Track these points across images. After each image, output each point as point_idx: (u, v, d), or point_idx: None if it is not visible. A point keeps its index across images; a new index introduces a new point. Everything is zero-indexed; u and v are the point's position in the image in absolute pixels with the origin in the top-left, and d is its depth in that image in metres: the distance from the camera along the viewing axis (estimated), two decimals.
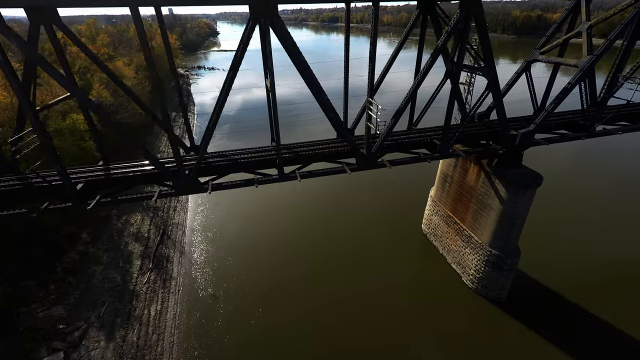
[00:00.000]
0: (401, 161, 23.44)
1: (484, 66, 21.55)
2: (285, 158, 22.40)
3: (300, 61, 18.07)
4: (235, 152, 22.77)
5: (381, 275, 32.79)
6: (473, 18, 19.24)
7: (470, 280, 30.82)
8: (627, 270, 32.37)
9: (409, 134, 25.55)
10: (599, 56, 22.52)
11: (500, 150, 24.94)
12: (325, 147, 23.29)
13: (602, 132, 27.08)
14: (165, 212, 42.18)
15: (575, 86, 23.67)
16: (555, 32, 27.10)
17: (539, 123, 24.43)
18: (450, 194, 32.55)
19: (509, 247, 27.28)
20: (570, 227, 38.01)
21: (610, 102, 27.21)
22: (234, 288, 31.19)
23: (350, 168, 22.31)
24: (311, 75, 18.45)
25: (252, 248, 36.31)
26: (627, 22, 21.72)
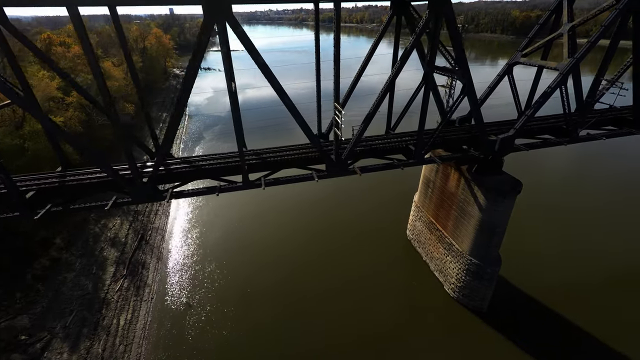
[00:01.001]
0: (374, 168, 22.54)
1: (458, 69, 20.64)
2: (252, 164, 21.60)
3: (260, 63, 17.25)
4: (200, 158, 21.92)
5: (362, 282, 31.88)
6: (443, 19, 18.35)
7: (451, 289, 29.92)
8: (612, 277, 31.43)
9: (385, 139, 24.67)
10: (579, 59, 21.60)
11: (478, 156, 24.01)
12: (295, 152, 22.43)
13: (585, 138, 26.14)
14: (145, 216, 41.36)
15: (555, 90, 22.74)
16: (537, 34, 26.22)
17: (519, 128, 23.50)
18: (433, 200, 31.66)
19: (489, 256, 26.37)
20: (555, 234, 37.05)
21: (603, 106, 26.36)
22: (209, 296, 30.34)
23: (319, 175, 21.41)
24: (272, 77, 17.61)
25: (232, 254, 35.46)
26: (607, 24, 20.78)
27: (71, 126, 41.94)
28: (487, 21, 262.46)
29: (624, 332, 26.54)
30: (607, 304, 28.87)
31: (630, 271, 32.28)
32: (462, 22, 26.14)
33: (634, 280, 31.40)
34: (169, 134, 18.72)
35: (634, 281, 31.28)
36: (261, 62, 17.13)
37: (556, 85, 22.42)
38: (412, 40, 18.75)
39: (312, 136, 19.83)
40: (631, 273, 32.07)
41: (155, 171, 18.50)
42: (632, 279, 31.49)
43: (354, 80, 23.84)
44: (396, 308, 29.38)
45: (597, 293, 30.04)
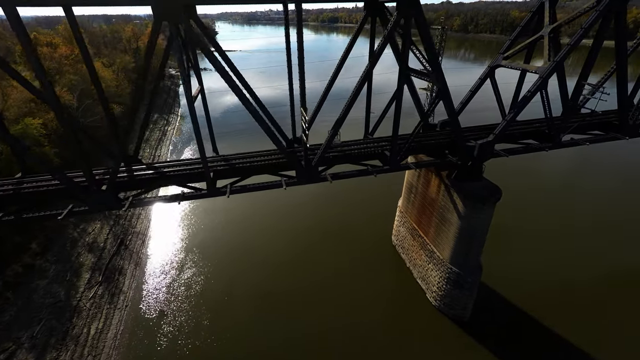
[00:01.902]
0: (346, 174, 21.78)
1: (432, 72, 19.87)
2: (219, 171, 20.87)
3: (218, 67, 16.51)
4: (165, 164, 21.17)
5: (344, 289, 31.11)
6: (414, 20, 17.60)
7: (433, 298, 29.14)
8: (595, 283, 30.62)
9: (361, 144, 23.89)
10: (558, 63, 20.83)
11: (456, 162, 23.22)
12: (265, 158, 21.67)
13: (569, 143, 25.34)
14: (127, 220, 40.64)
15: (535, 94, 21.96)
16: (519, 36, 25.45)
17: (499, 134, 22.71)
18: (415, 206, 30.88)
19: (469, 265, 25.60)
20: (540, 241, 36.24)
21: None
22: (185, 304, 29.58)
23: (289, 182, 20.67)
24: (232, 81, 16.86)
25: (212, 260, 34.70)
26: (587, 26, 19.98)
27: (53, 127, 41.25)
28: (486, 21, 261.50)
29: (605, 339, 25.86)
30: (590, 311, 28.13)
31: (614, 276, 31.50)
32: (442, 24, 25.36)
33: (618, 285, 30.61)
34: (125, 139, 18.05)
35: (618, 286, 30.50)
36: (220, 67, 16.37)
37: (536, 89, 21.64)
38: (380, 43, 18.00)
39: (278, 142, 19.09)
40: (615, 277, 31.29)
41: (113, 178, 17.73)
42: (617, 284, 30.70)
43: (328, 84, 23.10)
44: (378, 316, 28.58)
45: (581, 300, 29.28)
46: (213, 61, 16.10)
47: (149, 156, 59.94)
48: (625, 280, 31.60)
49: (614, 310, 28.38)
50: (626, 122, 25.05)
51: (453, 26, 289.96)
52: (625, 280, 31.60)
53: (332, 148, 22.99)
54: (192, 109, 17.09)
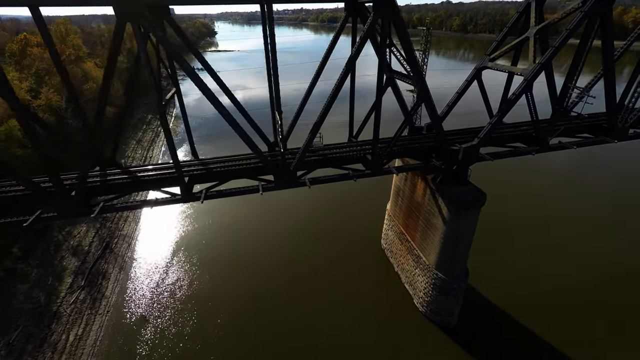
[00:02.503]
0: (326, 179, 21.30)
1: (413, 75, 19.36)
2: (196, 175, 20.40)
3: (188, 70, 16.06)
4: (141, 168, 20.69)
5: (331, 293, 30.64)
6: None
7: (420, 303, 28.64)
8: (586, 294, 30.04)
9: (344, 148, 23.38)
10: (543, 65, 20.30)
11: (439, 166, 22.71)
12: (244, 162, 21.16)
13: (557, 146, 24.82)
14: (114, 222, 40.17)
15: (520, 97, 21.44)
16: (506, 37, 24.94)
17: (483, 137, 22.18)
18: (403, 209, 30.37)
19: (454, 270, 25.09)
20: (531, 244, 35.72)
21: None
22: (167, 310, 29.08)
23: (265, 187, 20.17)
24: (202, 84, 16.40)
25: (197, 265, 34.21)
26: (572, 28, 19.46)
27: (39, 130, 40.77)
28: (485, 21, 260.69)
29: (600, 343, 25.50)
30: (584, 313, 27.67)
31: (602, 282, 30.93)
32: (428, 24, 24.82)
33: (613, 286, 30.04)
34: (95, 141, 17.56)
35: (613, 287, 29.95)
36: (190, 71, 15.91)
37: (521, 91, 21.12)
38: (357, 44, 17.50)
39: (254, 146, 18.57)
40: (603, 284, 30.72)
41: (82, 184, 17.25)
42: (611, 285, 30.14)
43: (310, 86, 22.63)
44: (364, 322, 28.07)
45: (575, 302, 28.78)
46: (181, 63, 15.56)
47: (140, 157, 59.49)
48: (620, 280, 31.09)
49: (608, 312, 27.98)
50: (615, 125, 24.51)
51: (452, 26, 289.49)
52: (620, 280, 31.09)
53: (314, 152, 22.55)
54: (162, 113, 16.57)
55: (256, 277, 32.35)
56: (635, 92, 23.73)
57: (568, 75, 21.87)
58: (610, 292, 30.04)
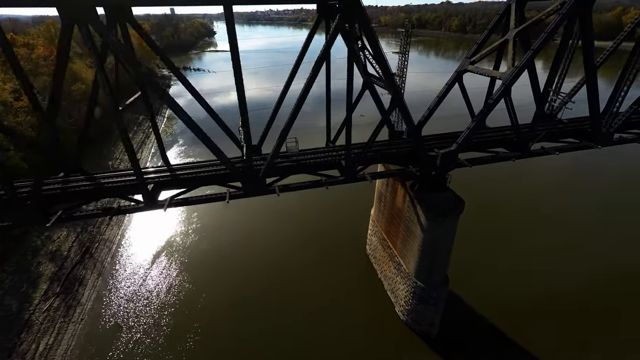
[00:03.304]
0: (297, 186, 20.67)
1: (385, 79, 18.69)
2: (163, 182, 19.73)
3: (138, 73, 15.40)
4: (106, 174, 20.01)
5: (314, 299, 30.08)
6: None
7: (401, 312, 27.97)
8: (571, 301, 29.33)
9: (319, 153, 22.70)
10: (521, 69, 19.61)
11: (415, 172, 22.03)
12: (213, 169, 20.49)
13: (539, 152, 24.12)
14: (96, 226, 39.51)
15: (498, 101, 20.75)
16: (487, 39, 24.27)
17: (461, 142, 21.49)
18: (385, 215, 29.70)
19: (433, 279, 24.42)
20: (513, 255, 34.90)
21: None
22: (143, 318, 28.42)
23: (233, 195, 19.52)
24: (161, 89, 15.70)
25: (179, 269, 33.58)
26: (550, 31, 18.76)
27: (22, 131, 40.25)
28: (484, 22, 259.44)
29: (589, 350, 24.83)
30: (567, 326, 26.97)
31: (591, 286, 30.23)
32: (407, 27, 24.14)
33: (590, 300, 29.34)
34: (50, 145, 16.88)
35: (595, 297, 29.26)
36: (142, 74, 15.23)
37: (499, 96, 20.42)
38: (323, 48, 16.84)
39: (218, 152, 17.86)
40: (592, 288, 30.02)
41: (37, 192, 16.57)
42: (593, 295, 29.44)
43: (282, 91, 22.03)
44: (344, 329, 27.40)
45: (562, 309, 28.11)
46: (132, 66, 14.89)
47: (129, 160, 58.76)
48: (611, 286, 30.45)
49: (598, 316, 27.48)
50: (599, 130, 23.81)
51: (451, 27, 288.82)
52: (611, 286, 30.45)
53: (287, 157, 21.91)
54: (118, 118, 15.88)
55: (240, 283, 31.71)
56: (619, 96, 23.04)
57: (548, 79, 21.17)
58: (601, 296, 29.46)
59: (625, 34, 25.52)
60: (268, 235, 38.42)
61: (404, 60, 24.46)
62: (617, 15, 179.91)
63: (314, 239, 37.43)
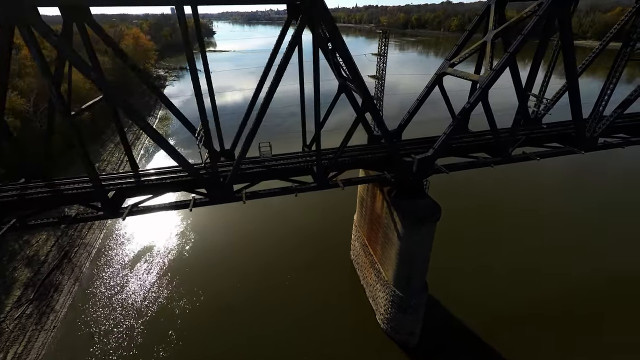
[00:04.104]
0: (265, 193, 19.96)
1: (354, 82, 17.99)
2: (125, 189, 19.04)
3: (97, 78, 14.73)
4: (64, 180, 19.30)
5: (295, 305, 29.44)
6: None
7: (381, 320, 27.28)
8: (554, 307, 28.60)
9: (293, 158, 21.98)
10: (498, 72, 18.89)
11: (390, 179, 21.33)
12: (178, 175, 19.79)
13: (520, 157, 23.38)
14: (77, 230, 38.83)
15: (475, 105, 20.06)
16: (467, 41, 23.61)
17: (438, 148, 20.77)
18: (366, 221, 29.00)
19: (411, 288, 23.70)
20: (496, 262, 34.14)
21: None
22: (118, 327, 27.76)
23: (197, 202, 18.84)
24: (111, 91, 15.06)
25: (158, 275, 32.89)
26: (527, 33, 18.04)
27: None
28: None
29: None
30: (554, 334, 26.27)
31: (571, 294, 29.50)
32: (385, 29, 23.45)
33: (574, 304, 28.61)
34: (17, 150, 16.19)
35: (574, 305, 28.52)
36: (95, 78, 14.54)
37: (475, 100, 19.73)
38: (286, 50, 16.15)
39: (179, 157, 17.16)
40: (571, 296, 29.28)
41: None
42: (573, 304, 28.71)
43: (254, 95, 21.33)
44: (325, 338, 26.72)
45: (544, 323, 27.35)
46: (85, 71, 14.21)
47: (117, 161, 58.25)
48: (595, 290, 29.75)
49: (583, 321, 26.79)
50: (583, 135, 23.07)
51: (450, 27, 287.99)
52: (595, 290, 29.75)
53: (258, 163, 21.24)
54: (71, 123, 15.19)
55: (223, 290, 31.00)
56: (602, 100, 22.31)
57: (527, 83, 20.44)
58: (585, 300, 28.84)
59: (611, 35, 24.84)
60: (257, 239, 37.67)
61: (381, 62, 23.76)
62: (616, 15, 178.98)
63: (302, 243, 36.72)
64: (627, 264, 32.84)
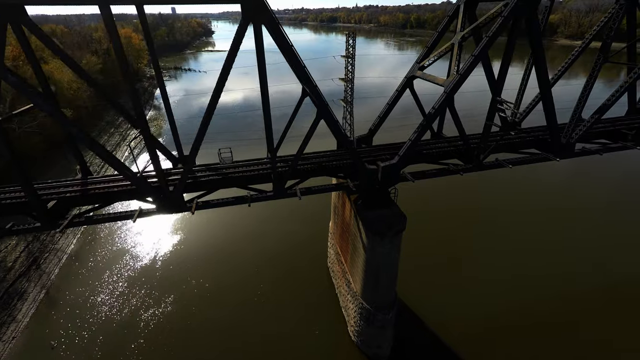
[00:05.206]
0: (218, 203, 18.99)
1: (304, 85, 16.97)
2: (66, 198, 18.05)
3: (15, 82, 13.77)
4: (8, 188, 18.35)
5: (268, 315, 28.45)
6: None
7: (352, 332, 26.26)
8: (528, 317, 27.53)
9: (253, 165, 20.96)
10: (462, 76, 17.89)
11: (352, 187, 20.31)
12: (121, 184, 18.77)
13: (492, 165, 22.35)
14: (50, 235, 37.89)
15: (441, 111, 19.05)
16: (437, 43, 22.59)
17: (403, 155, 19.75)
18: (338, 228, 28.02)
19: (378, 300, 22.69)
20: (476, 268, 33.14)
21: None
22: (79, 337, 26.78)
23: (143, 213, 17.86)
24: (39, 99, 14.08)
25: (127, 284, 31.88)
26: (491, 35, 17.01)
27: None
28: (483, 21, 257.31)
29: None
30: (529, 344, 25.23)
31: (565, 299, 28.45)
32: (351, 31, 22.41)
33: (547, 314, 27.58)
34: None
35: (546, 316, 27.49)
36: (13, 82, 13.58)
37: (440, 105, 18.72)
38: (230, 52, 15.14)
39: (121, 166, 16.16)
40: (566, 301, 28.24)
41: None
42: (545, 314, 27.68)
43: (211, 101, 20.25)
44: (295, 348, 25.75)
45: (518, 331, 26.31)
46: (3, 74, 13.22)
47: (99, 163, 57.23)
48: (571, 299, 28.69)
49: (557, 331, 25.62)
50: (557, 141, 22.01)
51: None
52: (571, 299, 28.69)
53: (216, 170, 20.26)
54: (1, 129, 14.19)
55: (189, 302, 30.00)
56: (578, 105, 21.25)
57: (495, 90, 19.35)
58: (564, 312, 27.74)
59: (591, 36, 23.79)
60: (227, 247, 36.69)
61: (349, 64, 22.73)
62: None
63: (278, 251, 35.78)
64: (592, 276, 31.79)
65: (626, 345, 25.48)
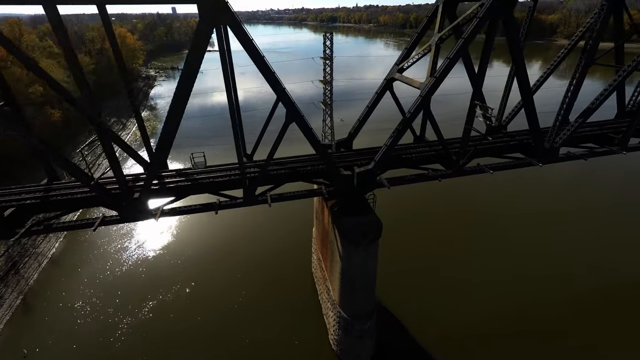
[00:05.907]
0: (183, 210, 18.30)
1: (273, 88, 16.30)
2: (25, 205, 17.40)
3: None
4: None
5: (250, 322, 27.81)
6: None
7: (332, 341, 25.62)
8: (515, 323, 26.82)
9: (225, 171, 20.30)
10: (438, 79, 17.20)
11: (325, 193, 19.64)
12: (84, 190, 18.08)
13: (473, 170, 21.66)
14: (32, 238, 37.26)
15: (417, 115, 18.36)
16: (416, 44, 21.93)
17: (379, 160, 19.07)
18: (320, 234, 27.36)
19: (355, 310, 22.02)
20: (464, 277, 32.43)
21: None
22: (53, 345, 26.16)
23: (105, 221, 17.22)
24: None
25: (109, 293, 31.08)
26: (467, 36, 16.31)
27: None
28: None
29: None
30: None
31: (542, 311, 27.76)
32: (328, 38, 21.74)
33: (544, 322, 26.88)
34: None
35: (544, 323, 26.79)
36: None
37: (416, 109, 18.02)
38: (193, 54, 14.50)
39: (79, 172, 15.50)
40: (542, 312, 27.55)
41: None
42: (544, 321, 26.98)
43: (177, 103, 19.56)
44: (278, 356, 25.12)
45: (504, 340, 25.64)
46: None
47: (89, 163, 56.59)
48: (557, 308, 28.01)
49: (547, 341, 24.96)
50: (541, 145, 21.30)
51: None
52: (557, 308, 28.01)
53: (187, 175, 19.59)
54: None
55: (170, 310, 29.32)
56: (562, 108, 20.55)
57: (473, 95, 18.65)
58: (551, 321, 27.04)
59: (577, 38, 23.09)
60: (215, 253, 35.98)
61: (327, 66, 22.10)
62: None
63: (263, 255, 35.17)
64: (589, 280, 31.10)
65: (625, 346, 24.94)
